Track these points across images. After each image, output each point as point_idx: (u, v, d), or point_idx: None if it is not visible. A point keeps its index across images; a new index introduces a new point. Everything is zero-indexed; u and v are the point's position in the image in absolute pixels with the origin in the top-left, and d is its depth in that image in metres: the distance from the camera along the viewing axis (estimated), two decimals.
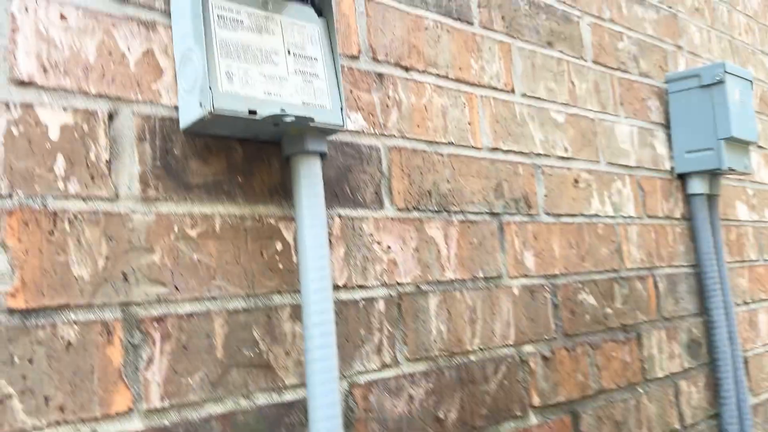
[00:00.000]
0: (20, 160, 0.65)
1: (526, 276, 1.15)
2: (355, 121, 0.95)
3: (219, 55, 0.73)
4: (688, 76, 1.57)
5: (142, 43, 0.75)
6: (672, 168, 1.59)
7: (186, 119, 0.75)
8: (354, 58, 0.97)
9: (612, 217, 1.38)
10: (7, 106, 0.65)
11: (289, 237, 0.85)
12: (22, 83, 0.66)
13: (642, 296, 1.41)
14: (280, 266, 0.83)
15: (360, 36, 0.98)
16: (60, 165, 0.68)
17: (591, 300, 1.28)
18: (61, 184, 0.67)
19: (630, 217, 1.43)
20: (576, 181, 1.31)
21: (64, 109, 0.69)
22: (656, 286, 1.46)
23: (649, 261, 1.45)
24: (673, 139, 1.59)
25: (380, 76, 1.00)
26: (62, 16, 0.70)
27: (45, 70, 0.68)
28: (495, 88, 1.18)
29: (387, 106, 1.00)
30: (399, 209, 0.98)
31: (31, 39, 0.68)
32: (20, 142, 0.66)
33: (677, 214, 1.57)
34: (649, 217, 1.48)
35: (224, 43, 0.73)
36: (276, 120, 0.75)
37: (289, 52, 0.79)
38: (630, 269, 1.39)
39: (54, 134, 0.68)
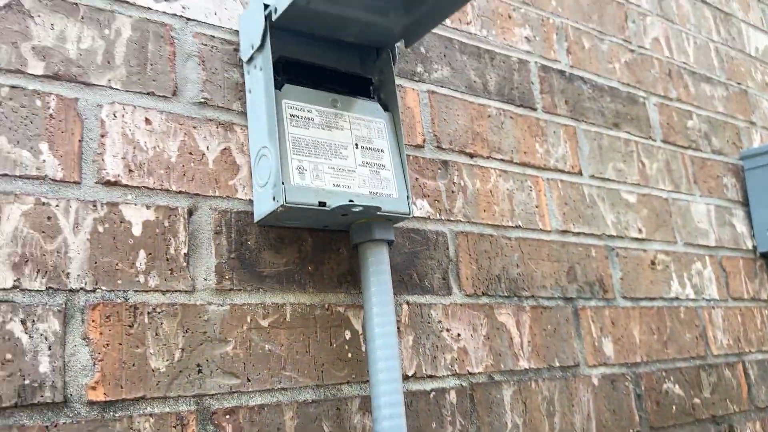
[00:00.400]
0: (105, 256, 0.69)
1: (605, 364, 1.10)
2: (421, 207, 0.96)
3: (291, 151, 0.76)
4: (764, 152, 1.52)
5: (220, 143, 0.79)
6: (754, 247, 1.51)
7: (260, 212, 0.78)
8: (419, 147, 0.99)
9: (694, 300, 1.31)
10: (94, 205, 0.70)
11: (357, 325, 0.85)
12: (108, 183, 0.71)
13: (732, 385, 1.32)
14: (349, 355, 0.83)
15: (424, 126, 1.01)
16: (141, 260, 0.71)
17: (677, 389, 1.20)
18: (141, 278, 0.70)
19: (713, 299, 1.36)
20: (653, 262, 1.26)
21: (147, 206, 0.72)
22: (747, 374, 1.36)
23: (737, 346, 1.36)
24: (754, 217, 1.52)
25: (445, 163, 1.02)
26: (147, 121, 0.75)
27: (130, 171, 0.72)
28: (562, 171, 1.17)
29: (452, 192, 1.01)
30: (467, 295, 0.97)
31: (118, 142, 0.73)
32: (105, 238, 0.69)
33: (764, 296, 1.48)
34: (734, 299, 1.41)
35: (296, 140, 0.77)
36: (345, 210, 0.77)
37: (357, 145, 0.82)
38: (717, 356, 1.31)
39: (137, 230, 0.71)
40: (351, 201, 0.78)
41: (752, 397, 1.35)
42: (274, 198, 0.74)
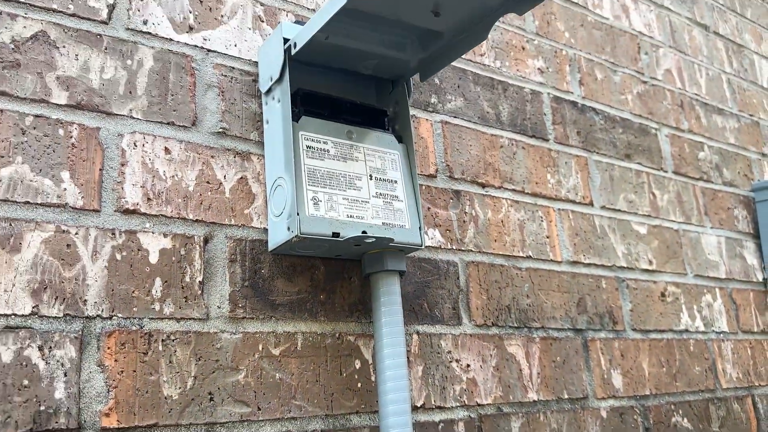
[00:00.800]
0: (121, 284, 0.70)
1: (614, 397, 1.10)
2: (433, 237, 0.97)
3: (307, 182, 0.77)
4: None
5: (237, 172, 0.81)
6: (765, 279, 1.51)
7: (274, 241, 0.79)
8: (431, 177, 1.00)
9: (704, 332, 1.31)
10: (113, 233, 0.71)
11: (367, 354, 0.85)
12: (127, 211, 0.72)
13: (741, 419, 1.31)
14: (359, 385, 0.83)
15: (437, 156, 1.02)
16: (157, 287, 0.72)
17: (685, 423, 1.19)
18: (157, 306, 0.71)
19: (723, 332, 1.35)
20: (663, 294, 1.26)
21: (165, 234, 0.74)
22: (756, 407, 1.35)
23: (746, 380, 1.36)
24: (764, 249, 1.52)
25: (457, 193, 1.02)
26: (167, 150, 0.77)
27: (149, 200, 0.74)
28: (573, 201, 1.18)
29: (464, 221, 1.02)
30: (477, 325, 0.98)
31: (138, 171, 0.74)
32: (122, 266, 0.70)
33: None
34: (744, 332, 1.40)
35: (312, 171, 0.78)
36: (358, 241, 0.78)
37: (371, 177, 0.83)
38: (726, 389, 1.30)
39: (154, 258, 0.72)
40: (364, 232, 0.79)
41: (760, 431, 1.34)
42: (288, 228, 0.75)
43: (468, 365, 0.94)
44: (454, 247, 0.99)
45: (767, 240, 1.52)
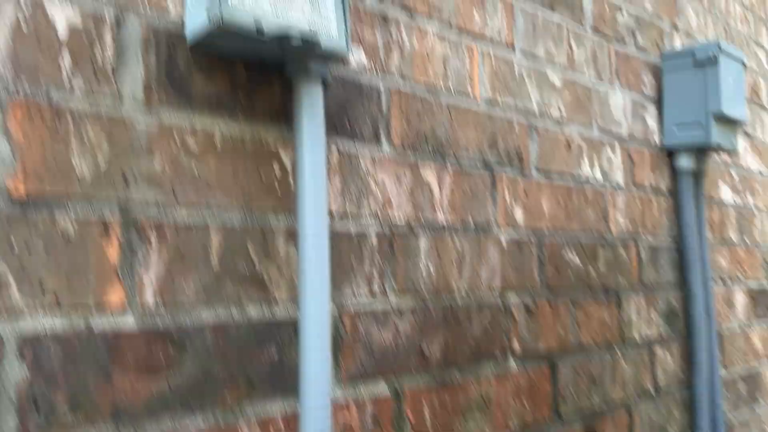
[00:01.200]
0: (27, 54, 0.66)
1: (514, 228, 1.17)
2: (359, 59, 0.96)
3: None
4: (683, 54, 1.59)
5: None
6: (661, 142, 1.61)
7: (192, 31, 0.76)
8: None
9: (601, 183, 1.40)
10: (18, 1, 0.66)
11: (287, 161, 0.86)
12: None
13: (624, 262, 1.44)
14: (277, 187, 0.84)
15: None
16: (67, 64, 0.68)
17: (576, 259, 1.30)
18: (66, 83, 0.68)
19: (618, 185, 1.45)
20: (568, 143, 1.33)
21: (73, 9, 0.69)
22: (639, 255, 1.49)
23: (633, 229, 1.48)
24: (665, 115, 1.61)
25: (385, 18, 1.01)
26: None
27: None
28: (496, 43, 1.19)
29: (390, 48, 1.01)
30: (396, 149, 1.00)
31: None
32: (29, 38, 0.66)
33: (663, 188, 1.60)
34: (636, 187, 1.51)
35: None
36: (282, 42, 0.76)
37: None
38: (615, 235, 1.42)
39: (62, 33, 0.68)
40: (289, 32, 0.77)
41: (641, 275, 1.48)
42: (208, 15, 0.72)
43: (384, 184, 0.97)
44: (378, 72, 0.99)
45: (668, 106, 1.61)
